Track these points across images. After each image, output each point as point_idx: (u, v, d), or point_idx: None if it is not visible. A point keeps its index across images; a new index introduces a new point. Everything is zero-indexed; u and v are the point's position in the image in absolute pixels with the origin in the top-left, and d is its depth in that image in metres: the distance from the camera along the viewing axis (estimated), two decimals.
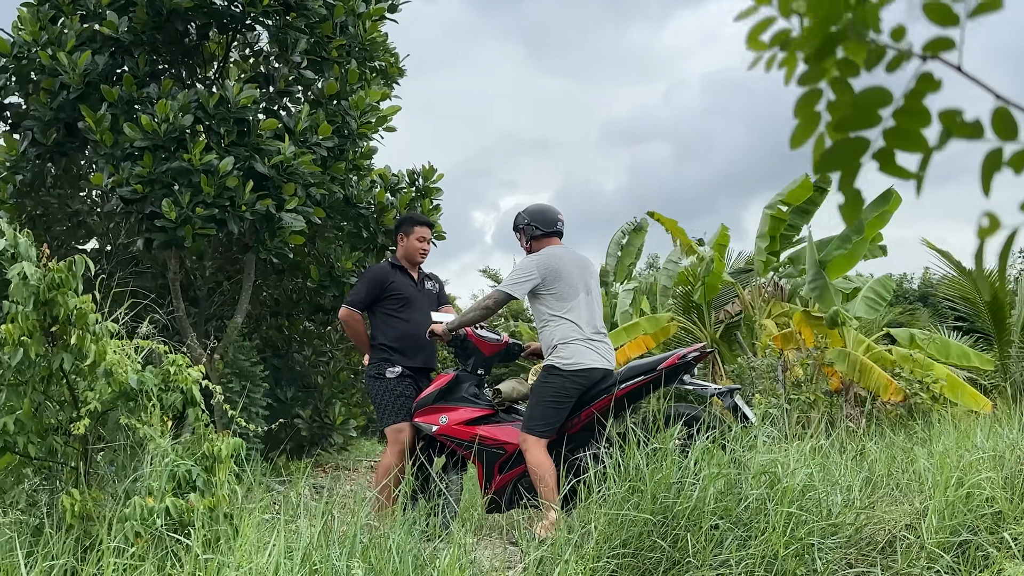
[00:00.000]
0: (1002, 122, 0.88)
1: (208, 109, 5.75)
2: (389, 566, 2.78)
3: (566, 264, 4.20)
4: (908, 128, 0.92)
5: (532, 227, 4.35)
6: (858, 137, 0.93)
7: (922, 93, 0.91)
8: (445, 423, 4.33)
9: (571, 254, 4.31)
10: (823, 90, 0.96)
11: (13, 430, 3.04)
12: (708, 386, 4.12)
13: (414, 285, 4.80)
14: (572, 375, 4.04)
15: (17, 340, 2.99)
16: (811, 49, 0.94)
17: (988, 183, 0.89)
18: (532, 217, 4.37)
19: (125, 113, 5.82)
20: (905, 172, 0.93)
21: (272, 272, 7.40)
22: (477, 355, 4.49)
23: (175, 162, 5.62)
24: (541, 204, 4.47)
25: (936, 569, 2.95)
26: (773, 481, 3.25)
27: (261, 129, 5.89)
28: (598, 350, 4.13)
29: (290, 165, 5.91)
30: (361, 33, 6.72)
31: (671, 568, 3.03)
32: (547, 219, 4.36)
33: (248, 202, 5.71)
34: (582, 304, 4.16)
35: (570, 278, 4.17)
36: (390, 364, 4.65)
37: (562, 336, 4.09)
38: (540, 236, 4.35)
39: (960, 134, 0.89)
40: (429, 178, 7.38)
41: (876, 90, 0.92)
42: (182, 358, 3.17)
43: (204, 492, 2.90)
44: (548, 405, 4.02)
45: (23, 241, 3.06)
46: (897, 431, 5.42)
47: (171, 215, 5.55)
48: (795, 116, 0.97)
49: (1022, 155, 0.87)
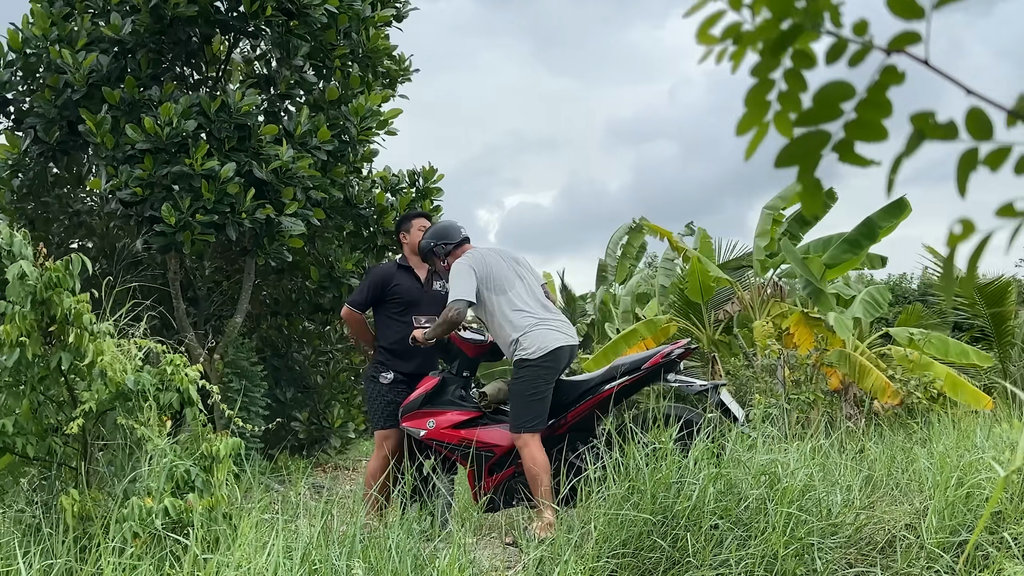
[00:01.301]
0: (976, 122, 0.87)
1: (209, 114, 5.75)
2: (389, 566, 2.78)
3: (490, 259, 4.28)
4: (869, 119, 0.91)
5: (442, 245, 4.47)
6: (819, 131, 0.93)
7: (886, 85, 0.91)
8: (433, 427, 4.32)
9: (488, 249, 4.40)
10: (775, 81, 0.95)
11: (12, 431, 3.04)
12: (693, 382, 4.11)
13: (419, 287, 4.77)
14: (541, 361, 4.04)
15: (15, 340, 2.98)
16: (767, 43, 0.93)
17: (964, 184, 0.88)
18: (438, 238, 4.49)
19: (127, 115, 5.82)
20: (864, 160, 0.93)
21: (272, 272, 7.40)
22: (462, 357, 4.48)
23: (175, 166, 5.62)
24: (438, 224, 4.63)
25: (936, 569, 2.94)
26: (773, 481, 3.24)
27: (261, 134, 5.90)
28: (556, 328, 4.15)
29: (288, 169, 5.92)
30: (364, 40, 6.73)
31: (671, 568, 3.02)
32: (450, 233, 4.50)
33: (248, 209, 5.72)
34: (521, 291, 4.21)
35: (499, 269, 4.24)
36: (385, 368, 4.65)
37: (518, 328, 4.10)
38: (452, 249, 4.45)
39: (933, 136, 0.88)
40: (429, 179, 7.38)
41: (838, 84, 0.92)
42: (180, 358, 3.16)
43: (203, 492, 2.89)
44: (530, 399, 4.03)
45: (19, 240, 3.06)
46: (896, 431, 5.42)
47: (171, 220, 5.55)
48: (745, 105, 0.97)
49: (998, 153, 0.86)
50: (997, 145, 0.86)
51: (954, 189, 0.88)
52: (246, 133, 5.93)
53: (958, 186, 0.88)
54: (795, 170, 0.95)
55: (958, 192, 0.88)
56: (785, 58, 0.94)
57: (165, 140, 5.60)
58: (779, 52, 0.93)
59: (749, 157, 0.97)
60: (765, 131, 0.96)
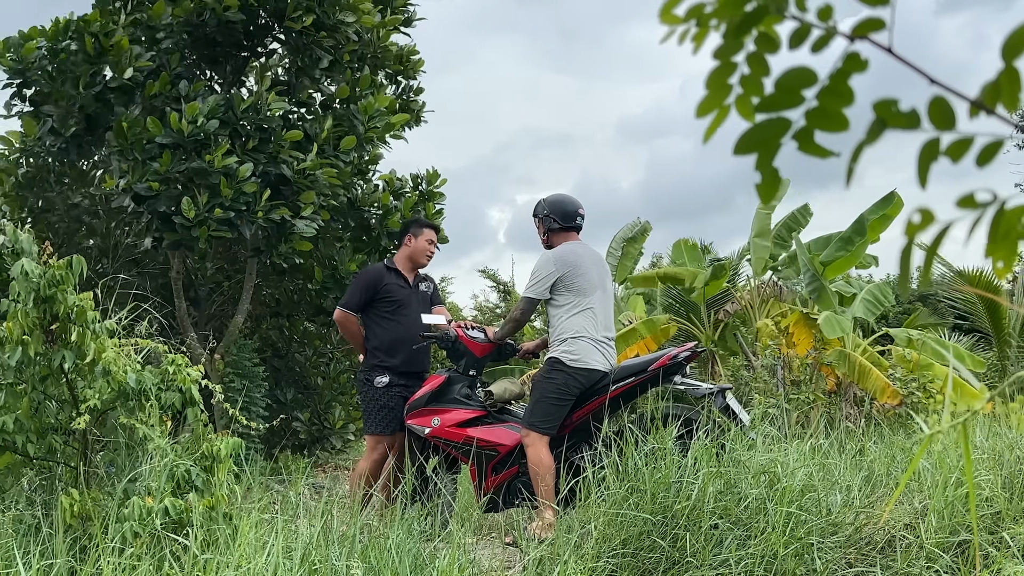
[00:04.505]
0: (939, 111, 0.86)
1: (236, 112, 5.80)
2: (388, 566, 2.78)
3: (584, 261, 4.18)
4: (830, 107, 0.90)
5: (551, 219, 4.29)
6: (779, 117, 0.91)
7: (848, 73, 0.89)
8: (437, 425, 4.32)
9: (588, 251, 4.28)
10: (738, 64, 0.94)
11: (12, 429, 3.04)
12: (700, 386, 4.11)
13: (407, 288, 4.79)
14: (575, 372, 4.03)
15: (17, 338, 2.98)
16: (731, 25, 0.92)
17: (925, 174, 0.87)
18: (552, 208, 4.30)
19: (150, 110, 5.87)
20: (823, 151, 0.91)
21: (273, 273, 7.41)
22: (469, 356, 4.48)
23: (193, 162, 5.66)
24: (563, 196, 4.37)
25: (935, 569, 2.95)
26: (772, 481, 3.25)
27: (284, 138, 5.96)
28: (604, 352, 4.13)
29: (311, 174, 5.98)
30: (375, 40, 6.79)
31: (671, 568, 3.03)
32: (567, 212, 4.29)
33: (263, 208, 5.76)
34: (598, 301, 4.15)
35: (587, 274, 4.15)
36: (380, 372, 4.66)
37: (574, 330, 4.07)
38: (558, 230, 4.29)
39: (896, 124, 0.87)
40: (433, 182, 7.45)
41: (800, 70, 0.90)
42: (181, 358, 3.17)
43: (203, 492, 2.89)
44: (550, 402, 4.02)
45: (24, 237, 3.07)
46: (896, 430, 5.42)
47: (190, 214, 5.58)
48: (705, 87, 0.96)
49: (959, 144, 0.85)
50: (959, 136, 0.85)
51: (954, 187, 0.87)
52: (268, 135, 5.97)
53: (919, 176, 0.87)
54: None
55: (919, 182, 0.87)
56: (748, 41, 0.93)
57: (187, 136, 5.63)
58: (742, 34, 0.92)
59: (707, 140, 0.96)
60: (726, 114, 0.95)
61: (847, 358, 7.02)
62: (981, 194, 0.84)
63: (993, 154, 0.85)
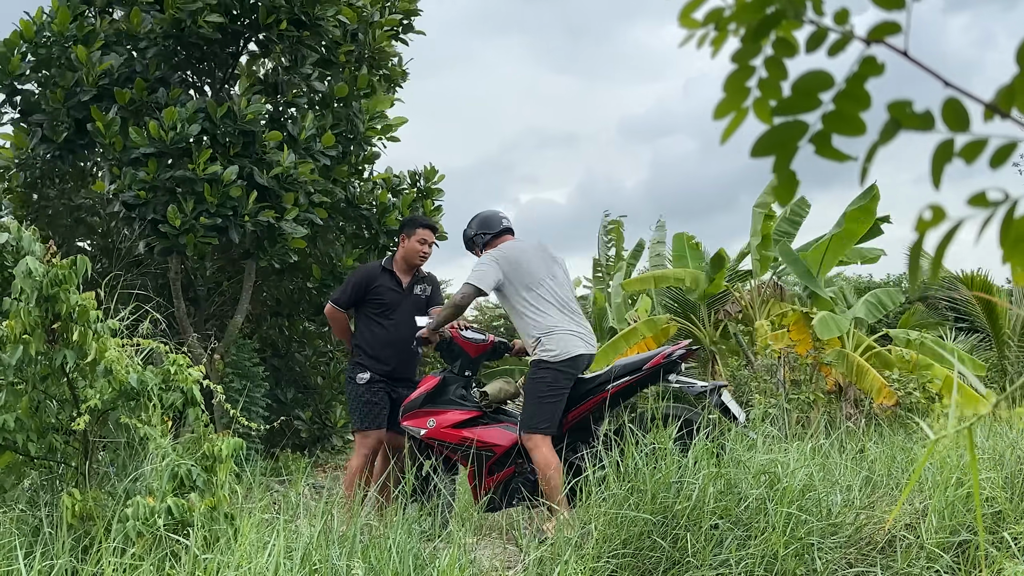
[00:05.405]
0: (953, 113, 0.86)
1: (215, 120, 5.78)
2: (389, 566, 2.78)
3: (525, 254, 4.24)
4: (847, 111, 0.90)
5: (481, 235, 4.43)
6: (796, 120, 0.92)
7: (864, 77, 0.90)
8: (433, 426, 4.32)
9: (527, 243, 4.36)
10: (756, 68, 0.95)
11: (12, 427, 3.04)
12: (695, 383, 4.11)
13: (399, 291, 4.76)
14: (561, 366, 4.05)
15: (19, 337, 2.98)
16: (749, 29, 0.93)
17: (938, 175, 0.87)
18: (478, 227, 4.46)
19: (133, 116, 5.85)
20: (841, 155, 0.92)
21: (272, 273, 7.41)
22: (463, 357, 4.48)
23: (179, 170, 5.65)
24: (482, 213, 4.55)
25: (936, 569, 2.95)
26: (773, 481, 3.25)
27: (266, 139, 5.94)
28: (580, 335, 4.15)
29: (290, 175, 5.95)
30: (371, 41, 6.78)
31: (671, 568, 3.03)
32: (491, 222, 4.45)
33: (251, 212, 5.75)
34: (549, 290, 4.19)
35: (530, 266, 4.20)
36: (362, 368, 4.66)
37: (544, 327, 4.09)
38: (491, 239, 4.40)
39: (910, 125, 0.87)
40: (431, 179, 7.43)
41: (817, 74, 0.91)
42: (183, 358, 3.17)
43: (204, 492, 2.89)
44: (544, 400, 4.02)
45: (27, 236, 3.07)
46: (896, 430, 5.42)
47: (175, 222, 5.58)
48: (723, 90, 0.96)
49: (974, 146, 0.86)
50: (973, 137, 0.86)
51: (963, 189, 0.87)
52: (251, 139, 5.96)
53: (932, 177, 0.87)
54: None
55: (932, 183, 0.88)
56: (766, 45, 0.94)
57: (169, 144, 5.62)
58: (760, 38, 0.93)
59: (724, 141, 0.97)
60: (743, 117, 0.96)
61: (845, 358, 7.03)
62: (992, 193, 0.84)
63: (1007, 156, 0.86)
